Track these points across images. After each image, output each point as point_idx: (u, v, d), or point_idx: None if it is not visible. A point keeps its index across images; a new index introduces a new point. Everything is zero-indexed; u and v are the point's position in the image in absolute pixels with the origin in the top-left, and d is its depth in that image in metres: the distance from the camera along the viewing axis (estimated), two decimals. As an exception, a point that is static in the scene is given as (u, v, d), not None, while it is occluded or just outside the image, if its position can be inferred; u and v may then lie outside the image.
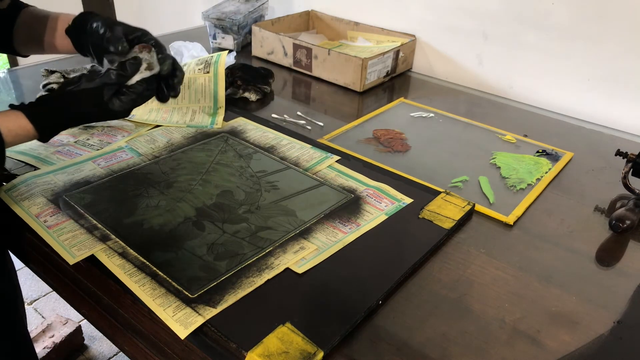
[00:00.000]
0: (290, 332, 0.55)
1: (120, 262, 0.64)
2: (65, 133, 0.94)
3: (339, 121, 1.09)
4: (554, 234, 0.77)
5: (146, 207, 0.75)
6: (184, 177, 0.83)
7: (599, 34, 1.11)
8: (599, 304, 0.64)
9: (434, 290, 0.65)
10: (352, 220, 0.75)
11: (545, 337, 0.59)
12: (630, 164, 0.84)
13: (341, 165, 0.88)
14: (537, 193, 0.86)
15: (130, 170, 0.84)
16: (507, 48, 1.24)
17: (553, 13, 1.15)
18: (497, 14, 1.23)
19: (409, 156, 0.97)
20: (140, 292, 0.60)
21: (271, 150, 0.92)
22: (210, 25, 1.47)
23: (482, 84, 1.31)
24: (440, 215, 0.77)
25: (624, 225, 0.76)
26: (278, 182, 0.83)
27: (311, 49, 1.27)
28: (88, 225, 0.70)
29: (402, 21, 1.39)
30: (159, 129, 0.98)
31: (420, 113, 1.14)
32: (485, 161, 0.96)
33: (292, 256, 0.67)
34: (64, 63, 1.27)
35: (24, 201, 0.74)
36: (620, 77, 1.11)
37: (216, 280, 0.62)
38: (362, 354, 0.55)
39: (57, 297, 1.64)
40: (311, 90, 1.26)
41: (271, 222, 0.73)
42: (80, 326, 1.49)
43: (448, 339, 0.58)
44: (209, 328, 0.56)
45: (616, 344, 0.59)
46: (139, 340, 0.65)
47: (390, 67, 1.30)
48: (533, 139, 1.04)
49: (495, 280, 0.67)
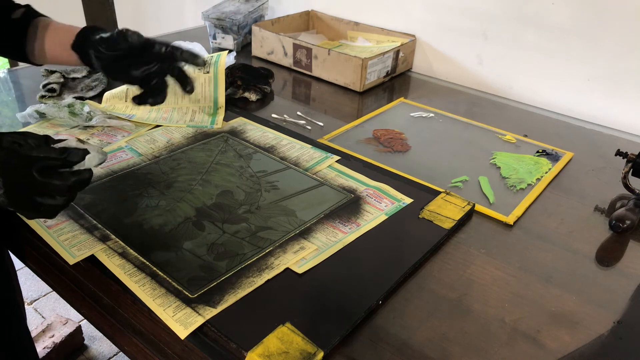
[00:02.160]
0: (290, 332, 0.55)
1: (120, 262, 0.64)
2: (66, 133, 0.94)
3: (339, 121, 1.09)
4: (554, 234, 0.77)
5: (146, 207, 0.75)
6: (184, 177, 0.83)
7: (598, 34, 1.11)
8: (599, 304, 0.64)
9: (434, 290, 0.65)
10: (352, 220, 0.75)
11: (545, 337, 0.59)
12: (630, 164, 0.84)
13: (341, 165, 0.88)
14: (537, 193, 0.86)
15: (130, 170, 0.84)
16: (507, 48, 1.24)
17: (553, 13, 1.15)
18: (497, 13, 1.23)
19: (409, 156, 0.97)
20: (140, 292, 0.60)
21: (271, 150, 0.92)
22: (210, 25, 1.47)
23: (482, 84, 1.31)
24: (440, 215, 0.77)
25: (624, 225, 0.76)
26: (278, 182, 0.83)
27: (311, 49, 1.27)
28: (88, 225, 0.70)
29: (402, 21, 1.39)
30: (159, 129, 0.98)
31: (420, 113, 1.14)
32: (485, 161, 0.96)
33: (292, 256, 0.67)
34: (64, 63, 1.27)
35: (24, 201, 0.74)
36: (620, 77, 1.11)
37: (216, 280, 0.62)
38: (362, 354, 0.55)
39: (57, 297, 1.64)
40: (311, 90, 1.26)
41: (271, 222, 0.73)
42: (80, 326, 1.49)
43: (448, 339, 0.58)
44: (209, 328, 0.56)
45: (616, 344, 0.59)
46: (139, 340, 0.65)
47: (390, 67, 1.30)
48: (533, 139, 1.04)
49: (495, 280, 0.67)
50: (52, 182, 0.56)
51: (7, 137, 0.57)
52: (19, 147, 0.56)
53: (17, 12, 0.79)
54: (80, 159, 0.59)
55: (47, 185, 0.56)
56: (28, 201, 0.57)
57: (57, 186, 0.56)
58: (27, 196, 0.56)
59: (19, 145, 0.56)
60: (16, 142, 0.57)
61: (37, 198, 0.56)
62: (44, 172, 0.56)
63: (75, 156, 0.58)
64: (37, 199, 0.56)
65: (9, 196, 0.56)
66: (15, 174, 0.55)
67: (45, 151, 0.57)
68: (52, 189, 0.56)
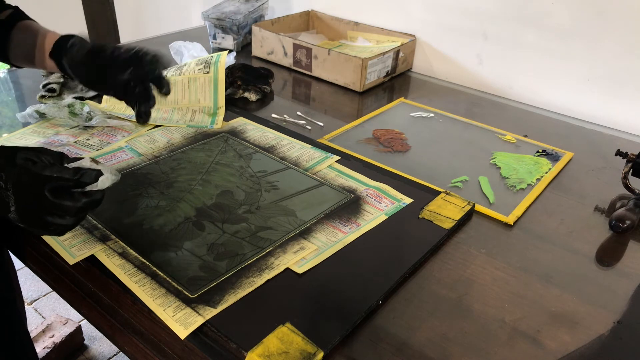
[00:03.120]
0: (290, 332, 0.55)
1: (120, 262, 0.64)
2: (66, 133, 0.94)
3: (339, 121, 1.09)
4: (554, 234, 0.77)
5: (146, 207, 0.75)
6: (184, 177, 0.83)
7: (598, 34, 1.11)
8: (599, 304, 0.64)
9: (434, 290, 0.65)
10: (352, 220, 0.75)
11: (545, 337, 0.59)
12: (630, 164, 0.84)
13: (341, 165, 0.88)
14: (537, 193, 0.86)
15: (130, 170, 0.84)
16: (507, 48, 1.24)
17: (553, 13, 1.15)
18: (497, 13, 1.23)
19: (409, 156, 0.97)
20: (140, 292, 0.60)
21: (271, 150, 0.92)
22: (210, 25, 1.47)
23: (482, 84, 1.31)
24: (440, 215, 0.77)
25: (624, 225, 0.76)
26: (278, 182, 0.83)
27: (311, 49, 1.27)
28: (88, 225, 0.70)
29: (402, 21, 1.39)
30: (159, 129, 0.98)
31: (420, 113, 1.14)
32: (485, 161, 0.96)
33: (292, 256, 0.67)
34: (64, 63, 1.27)
35: (24, 201, 0.74)
36: (620, 77, 1.11)
37: (216, 280, 0.62)
38: (362, 354, 0.55)
39: (57, 297, 1.64)
40: (311, 90, 1.26)
41: (271, 222, 0.73)
42: (80, 326, 1.49)
43: (448, 339, 0.58)
44: (209, 328, 0.56)
45: (616, 344, 0.59)
46: (139, 340, 0.64)
47: (390, 67, 1.30)
48: (533, 139, 1.04)
49: (495, 280, 0.67)
50: (64, 203, 0.55)
51: (21, 153, 0.56)
52: (33, 164, 0.56)
53: (4, 13, 0.79)
54: (93, 181, 0.58)
55: (58, 206, 0.55)
56: (38, 220, 0.56)
57: (68, 207, 0.56)
58: (38, 215, 0.56)
59: (32, 162, 0.56)
60: (30, 159, 0.56)
61: (48, 217, 0.56)
62: (56, 192, 0.55)
63: (89, 177, 0.58)
64: (47, 218, 0.56)
65: (20, 214, 0.56)
66: (27, 193, 0.55)
67: (59, 171, 0.56)
68: (63, 210, 0.56)
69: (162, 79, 0.74)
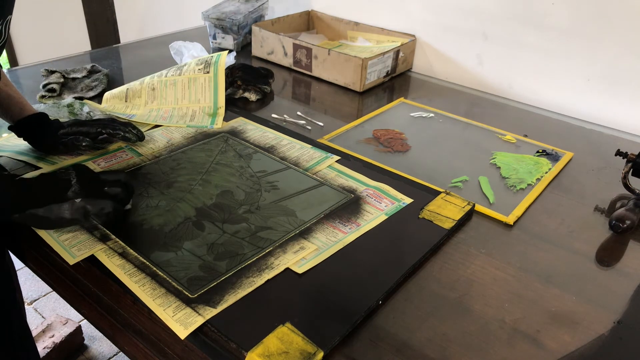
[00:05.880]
0: (290, 332, 0.55)
1: (120, 262, 0.64)
2: (65, 133, 0.94)
3: (339, 121, 1.09)
4: (554, 234, 0.77)
5: (146, 207, 0.75)
6: (184, 177, 0.83)
7: (598, 34, 1.11)
8: (599, 304, 0.64)
9: (434, 290, 0.65)
10: (352, 220, 0.75)
11: (545, 337, 0.59)
12: (630, 164, 0.84)
13: (341, 165, 0.88)
14: (537, 193, 0.86)
15: (130, 170, 0.84)
16: (507, 48, 1.24)
17: (553, 13, 1.15)
18: (497, 14, 1.23)
19: (409, 156, 0.97)
20: (140, 292, 0.60)
21: (271, 150, 0.92)
22: (210, 25, 1.47)
23: (482, 84, 1.31)
24: (440, 215, 0.77)
25: (624, 225, 0.76)
26: (278, 182, 0.83)
27: (311, 49, 1.27)
28: (88, 225, 0.70)
29: (402, 21, 1.40)
30: (159, 129, 0.98)
31: (420, 113, 1.14)
32: (485, 161, 0.96)
33: (292, 256, 0.67)
34: (64, 63, 1.27)
35: (24, 201, 0.74)
36: (620, 77, 1.11)
37: (216, 280, 0.62)
38: (362, 354, 0.55)
39: (57, 297, 1.64)
40: (311, 90, 1.26)
41: (271, 222, 0.73)
42: (80, 326, 1.49)
43: (448, 339, 0.58)
44: (209, 328, 0.56)
45: (616, 344, 0.59)
46: (139, 340, 0.65)
47: (390, 67, 1.30)
48: (533, 139, 1.05)
49: (495, 280, 0.67)
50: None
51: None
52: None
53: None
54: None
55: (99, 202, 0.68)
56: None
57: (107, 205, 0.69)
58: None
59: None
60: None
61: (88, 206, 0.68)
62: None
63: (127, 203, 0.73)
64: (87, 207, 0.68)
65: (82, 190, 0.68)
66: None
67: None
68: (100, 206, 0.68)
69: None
